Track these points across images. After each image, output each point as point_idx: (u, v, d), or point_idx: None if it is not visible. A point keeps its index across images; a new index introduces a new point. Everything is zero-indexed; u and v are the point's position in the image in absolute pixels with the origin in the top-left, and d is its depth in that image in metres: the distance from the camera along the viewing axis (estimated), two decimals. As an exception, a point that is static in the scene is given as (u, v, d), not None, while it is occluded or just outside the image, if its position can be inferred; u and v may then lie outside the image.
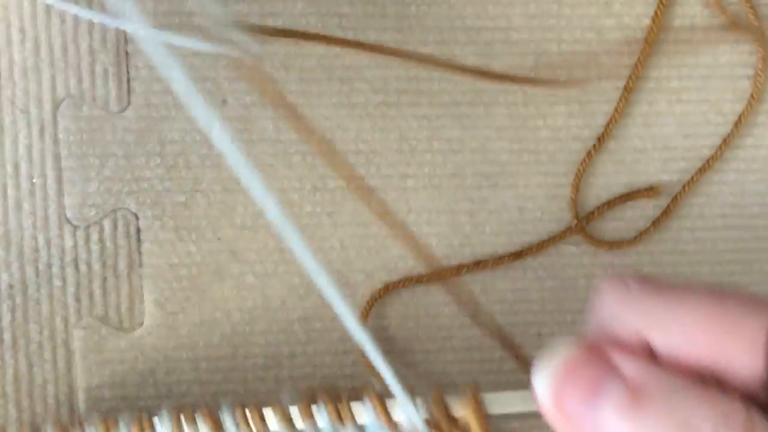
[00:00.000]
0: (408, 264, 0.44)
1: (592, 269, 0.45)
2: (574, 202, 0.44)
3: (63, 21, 0.41)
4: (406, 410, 0.32)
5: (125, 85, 0.42)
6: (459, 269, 0.43)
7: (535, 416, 0.26)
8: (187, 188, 0.42)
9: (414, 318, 0.44)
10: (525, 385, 0.26)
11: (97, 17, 0.39)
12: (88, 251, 0.42)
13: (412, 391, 0.32)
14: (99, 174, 0.42)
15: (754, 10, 0.44)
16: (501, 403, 0.33)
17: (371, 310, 0.43)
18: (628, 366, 0.23)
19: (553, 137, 0.44)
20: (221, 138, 0.25)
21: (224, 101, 0.42)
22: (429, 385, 0.33)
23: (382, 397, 0.33)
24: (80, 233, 0.42)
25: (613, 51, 0.44)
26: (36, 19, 0.41)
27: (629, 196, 0.44)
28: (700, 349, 0.23)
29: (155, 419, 0.35)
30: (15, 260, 0.41)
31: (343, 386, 0.44)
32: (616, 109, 0.44)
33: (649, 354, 0.24)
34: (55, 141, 0.41)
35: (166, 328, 0.42)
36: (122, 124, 0.42)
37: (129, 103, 0.42)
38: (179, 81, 0.24)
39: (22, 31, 0.41)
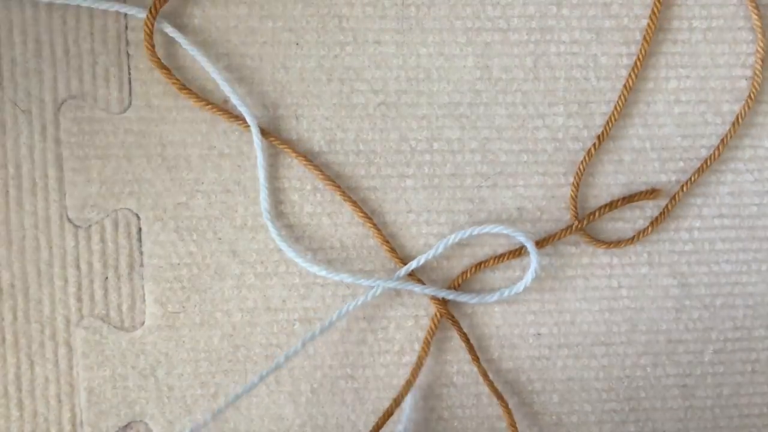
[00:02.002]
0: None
1: (591, 269, 0.45)
2: (574, 201, 0.44)
3: (65, 22, 0.41)
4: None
5: (126, 86, 0.42)
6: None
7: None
8: (187, 188, 0.42)
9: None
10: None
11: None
12: (90, 251, 0.42)
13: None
14: (100, 174, 0.42)
15: (757, 10, 0.44)
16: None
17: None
18: None
19: (552, 137, 0.44)
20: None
21: (225, 101, 0.42)
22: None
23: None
24: (82, 233, 0.42)
25: (611, 52, 0.44)
26: (38, 20, 0.41)
27: (630, 198, 0.44)
28: None
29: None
30: (16, 260, 0.41)
31: (343, 386, 0.44)
32: (614, 110, 0.44)
33: None
34: (57, 142, 0.41)
35: (167, 328, 0.43)
36: (123, 125, 0.42)
37: (130, 104, 0.42)
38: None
39: (23, 31, 0.41)
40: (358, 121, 0.43)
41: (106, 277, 0.42)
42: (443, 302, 0.43)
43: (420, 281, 0.43)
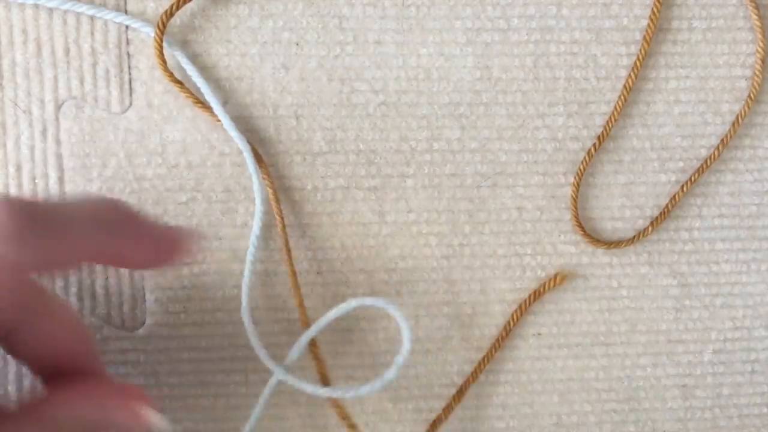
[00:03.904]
0: (408, 264, 0.44)
1: (591, 269, 0.45)
2: (574, 201, 0.44)
3: (65, 22, 0.41)
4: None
5: (127, 86, 0.42)
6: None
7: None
8: (188, 189, 0.42)
9: (414, 317, 0.44)
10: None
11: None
12: (90, 251, 0.42)
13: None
14: (101, 174, 0.42)
15: (757, 10, 0.44)
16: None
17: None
18: None
19: (552, 137, 0.44)
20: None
21: (225, 102, 0.42)
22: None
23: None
24: (82, 233, 0.42)
25: (611, 52, 0.44)
26: (38, 21, 0.41)
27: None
28: None
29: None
30: (17, 260, 0.41)
31: (343, 386, 0.44)
32: (614, 110, 0.44)
33: None
34: (57, 142, 0.41)
35: (169, 328, 0.43)
36: (124, 125, 0.42)
37: (130, 104, 0.42)
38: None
39: (24, 32, 0.41)
40: (358, 121, 0.43)
41: (107, 278, 0.42)
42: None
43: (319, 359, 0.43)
